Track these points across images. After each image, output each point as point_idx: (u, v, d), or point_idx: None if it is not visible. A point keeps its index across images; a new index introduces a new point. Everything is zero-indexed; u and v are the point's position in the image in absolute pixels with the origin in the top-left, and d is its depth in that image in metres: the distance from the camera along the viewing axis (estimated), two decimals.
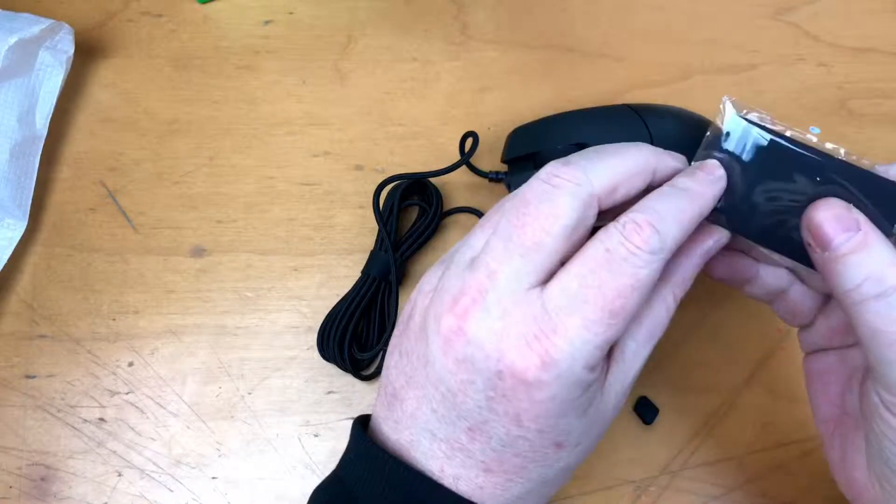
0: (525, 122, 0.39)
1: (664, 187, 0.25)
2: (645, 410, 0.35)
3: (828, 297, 0.28)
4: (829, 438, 0.28)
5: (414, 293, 0.26)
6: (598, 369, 0.23)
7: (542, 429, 0.23)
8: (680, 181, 0.25)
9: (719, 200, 0.26)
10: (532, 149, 0.37)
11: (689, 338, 0.37)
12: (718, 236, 0.26)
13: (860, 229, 0.23)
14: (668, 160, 0.26)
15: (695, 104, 0.39)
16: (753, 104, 0.41)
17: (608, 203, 0.24)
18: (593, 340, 0.22)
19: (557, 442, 0.23)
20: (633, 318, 0.23)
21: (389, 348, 0.27)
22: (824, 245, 0.23)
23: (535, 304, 0.22)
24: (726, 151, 0.26)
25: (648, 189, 0.25)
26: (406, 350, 0.25)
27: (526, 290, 0.22)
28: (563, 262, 0.23)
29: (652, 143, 0.36)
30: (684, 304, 0.37)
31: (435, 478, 0.24)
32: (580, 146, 0.36)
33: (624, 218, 0.23)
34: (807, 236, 0.24)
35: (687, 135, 0.37)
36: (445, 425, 0.23)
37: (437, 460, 0.24)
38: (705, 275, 0.29)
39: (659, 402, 0.35)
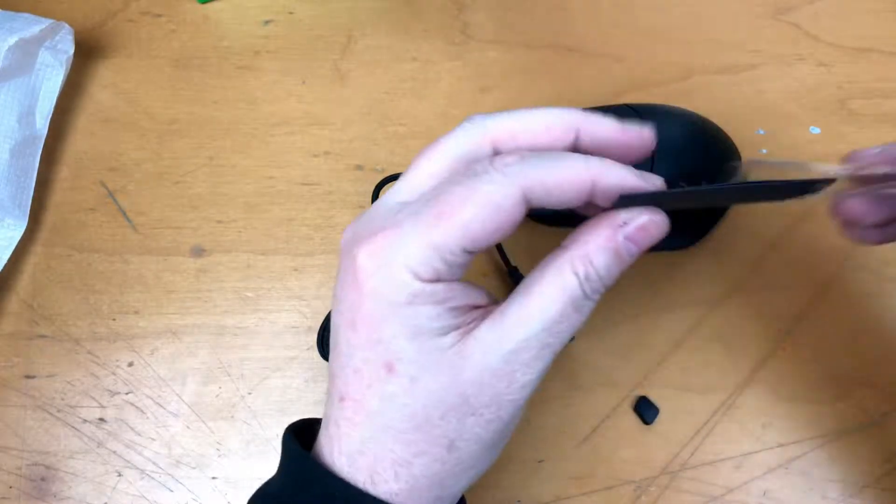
0: None
1: (574, 153, 0.23)
2: (645, 410, 0.35)
3: None
4: None
5: None
6: (430, 285, 0.22)
7: (370, 336, 0.22)
8: (593, 157, 0.23)
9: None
10: None
11: (689, 338, 0.37)
12: (639, 218, 0.23)
13: None
14: (597, 123, 0.24)
15: (695, 104, 0.39)
16: (753, 104, 0.42)
17: (510, 146, 0.24)
18: (415, 240, 0.21)
19: (387, 361, 0.22)
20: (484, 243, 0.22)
21: None
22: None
23: (393, 210, 0.23)
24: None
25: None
26: None
27: (394, 202, 0.23)
28: None
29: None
30: (684, 304, 0.37)
31: (320, 426, 0.25)
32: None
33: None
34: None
35: (687, 134, 0.38)
36: (331, 354, 0.24)
37: (326, 405, 0.25)
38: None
39: (659, 402, 0.35)
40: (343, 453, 0.23)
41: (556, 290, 0.22)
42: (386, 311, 0.22)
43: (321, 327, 0.36)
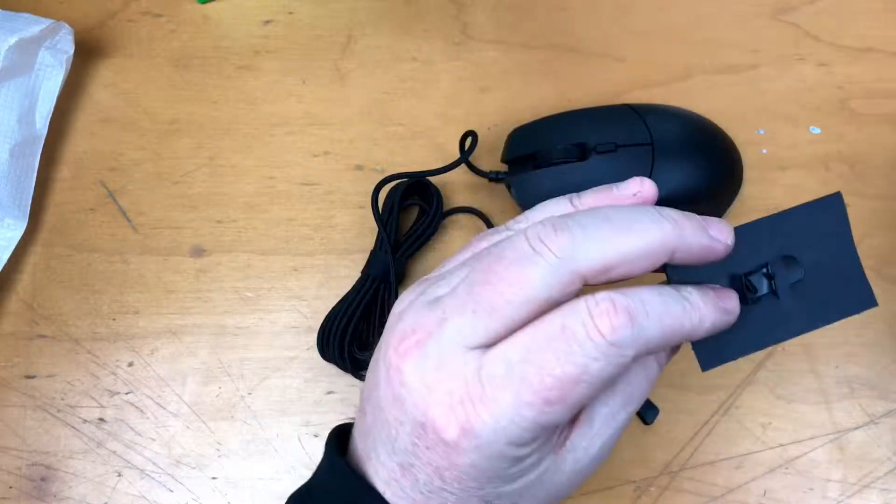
0: (525, 122, 0.39)
1: (669, 289, 0.22)
2: (645, 410, 0.35)
3: None
4: None
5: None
6: (531, 446, 0.21)
7: (465, 488, 0.21)
8: (694, 294, 0.22)
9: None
10: (532, 149, 0.37)
11: None
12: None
13: None
14: (696, 238, 0.21)
15: (695, 104, 0.39)
16: (753, 104, 0.42)
17: (600, 281, 0.21)
18: (520, 423, 0.20)
19: (487, 501, 0.22)
20: (586, 400, 0.21)
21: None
22: None
23: (472, 366, 0.20)
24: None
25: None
26: (373, 360, 0.24)
27: (467, 348, 0.21)
28: (521, 327, 0.21)
29: (652, 142, 0.36)
30: None
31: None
32: (580, 146, 0.36)
33: (602, 294, 0.20)
34: None
35: (687, 134, 0.38)
36: (386, 452, 0.23)
37: (380, 481, 0.23)
38: None
39: (659, 402, 0.35)
40: None
41: (644, 384, 0.24)
42: (486, 475, 0.21)
43: (321, 327, 0.36)
